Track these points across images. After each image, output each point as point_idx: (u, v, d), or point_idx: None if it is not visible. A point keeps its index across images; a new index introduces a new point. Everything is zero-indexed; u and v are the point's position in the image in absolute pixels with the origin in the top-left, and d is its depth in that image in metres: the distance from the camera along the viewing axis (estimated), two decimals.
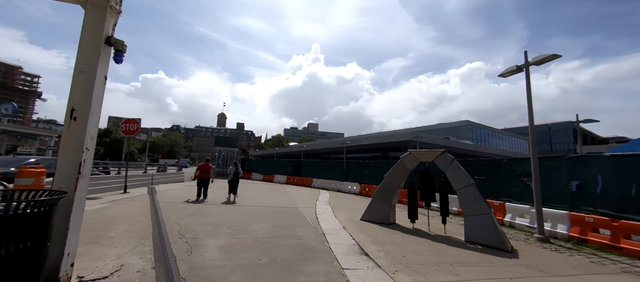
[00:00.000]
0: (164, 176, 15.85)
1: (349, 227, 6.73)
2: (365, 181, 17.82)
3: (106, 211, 6.72)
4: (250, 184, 20.69)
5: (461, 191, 6.37)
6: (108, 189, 10.02)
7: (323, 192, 17.55)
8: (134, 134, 10.37)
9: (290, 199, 12.04)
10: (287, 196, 13.68)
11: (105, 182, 10.07)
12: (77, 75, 2.72)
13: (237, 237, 5.11)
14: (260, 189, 16.54)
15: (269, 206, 9.52)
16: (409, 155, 7.61)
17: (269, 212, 8.10)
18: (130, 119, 10.40)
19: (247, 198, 11.13)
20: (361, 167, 18.41)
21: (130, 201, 8.51)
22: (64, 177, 2.62)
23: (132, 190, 11.16)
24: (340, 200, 13.33)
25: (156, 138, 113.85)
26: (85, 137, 2.68)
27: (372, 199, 8.06)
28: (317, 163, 23.10)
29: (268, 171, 27.12)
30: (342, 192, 18.57)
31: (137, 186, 12.42)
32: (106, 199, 8.43)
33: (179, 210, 7.52)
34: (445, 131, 47.47)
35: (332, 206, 10.82)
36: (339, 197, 14.99)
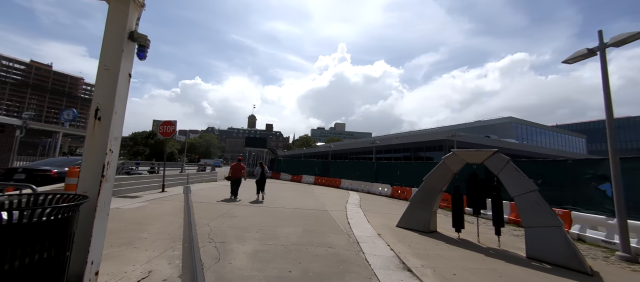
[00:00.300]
0: (198, 175, 16.56)
1: (385, 235, 6.13)
2: (397, 182, 16.84)
3: (143, 209, 6.95)
4: (279, 184, 20.82)
5: (521, 197, 5.41)
6: (148, 188, 10.56)
7: (352, 193, 16.95)
8: (170, 135, 10.83)
9: (318, 201, 11.69)
10: (316, 197, 13.36)
11: (146, 181, 10.65)
12: (102, 73, 2.59)
13: (266, 243, 4.83)
14: (289, 189, 16.48)
15: (298, 207, 9.25)
16: (452, 156, 6.77)
17: (297, 215, 7.80)
18: (166, 121, 10.89)
19: (276, 199, 11.02)
20: (392, 168, 17.45)
21: (166, 200, 8.81)
22: (88, 181, 2.49)
23: (170, 189, 11.68)
24: (371, 202, 12.65)
25: (193, 139, 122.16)
26: (109, 138, 2.53)
27: (409, 203, 7.34)
28: (345, 163, 22.52)
29: (296, 171, 27.19)
30: (373, 193, 17.78)
31: (174, 184, 13.03)
32: (145, 198, 8.83)
33: (211, 210, 7.55)
34: (484, 129, 43.72)
35: (364, 209, 10.22)
36: (370, 199, 14.29)
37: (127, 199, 8.36)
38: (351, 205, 11.21)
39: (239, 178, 10.36)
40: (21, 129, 14.94)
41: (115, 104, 2.57)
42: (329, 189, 19.57)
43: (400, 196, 15.87)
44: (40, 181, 7.37)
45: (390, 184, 17.19)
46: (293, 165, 28.31)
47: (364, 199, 14.10)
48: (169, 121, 10.93)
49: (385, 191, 17.47)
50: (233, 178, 10.32)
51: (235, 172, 10.38)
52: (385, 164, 18.51)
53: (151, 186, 10.76)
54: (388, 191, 17.20)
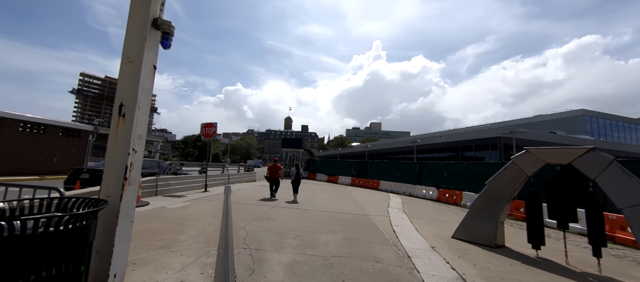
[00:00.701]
0: (238, 175, 17.12)
1: (441, 248, 5.21)
2: (443, 185, 15.23)
3: (186, 210, 7.08)
4: (315, 185, 20.53)
5: (635, 209, 4.06)
6: (192, 188, 11.04)
7: (393, 196, 15.81)
8: (211, 136, 11.21)
9: (357, 204, 10.98)
10: (354, 199, 12.66)
11: (190, 181, 11.17)
12: (125, 65, 2.35)
13: (304, 252, 4.36)
14: (325, 190, 16.04)
15: (336, 211, 8.69)
16: (525, 155, 5.52)
17: (337, 219, 7.25)
18: (208, 123, 11.30)
19: (313, 201, 10.63)
20: (438, 169, 15.84)
21: (207, 200, 9.01)
22: (112, 185, 2.26)
23: (212, 189, 12.12)
24: (415, 207, 11.50)
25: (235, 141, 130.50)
26: (132, 136, 2.27)
27: (469, 211, 6.24)
28: (384, 164, 21.31)
29: (332, 171, 26.70)
30: (415, 197, 16.37)
31: (216, 184, 13.54)
32: (189, 197, 9.15)
33: (248, 212, 7.42)
34: (547, 124, 37.87)
35: (408, 214, 9.23)
36: (413, 203, 13.07)
37: (173, 198, 8.73)
38: (394, 209, 10.27)
39: (276, 178, 10.83)
40: (93, 133, 17.16)
41: (138, 98, 2.31)
42: (367, 190, 18.64)
43: (448, 200, 14.28)
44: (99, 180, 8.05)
45: (436, 187, 15.62)
46: (329, 165, 27.89)
47: (406, 202, 12.95)
48: (210, 123, 11.31)
49: (430, 194, 15.94)
50: (271, 178, 10.87)
51: (273, 173, 10.86)
52: (429, 165, 16.92)
53: (195, 185, 11.23)
54: (433, 194, 15.65)
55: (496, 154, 24.22)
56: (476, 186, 13.00)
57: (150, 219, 5.68)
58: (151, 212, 6.39)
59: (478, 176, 13.21)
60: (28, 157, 13.22)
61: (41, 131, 14.17)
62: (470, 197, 13.07)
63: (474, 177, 13.33)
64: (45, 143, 14.32)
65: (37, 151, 13.89)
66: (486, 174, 6.45)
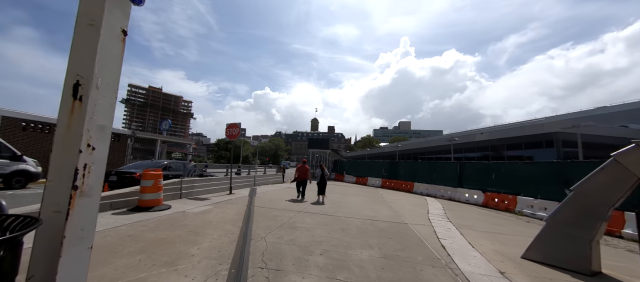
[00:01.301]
0: (264, 177, 16.82)
1: (513, 274, 3.97)
2: (491, 188, 13.29)
3: (206, 215, 6.62)
4: (344, 187, 19.54)
5: None
6: (217, 190, 10.78)
7: (431, 200, 14.23)
8: (236, 137, 10.87)
9: (392, 209, 9.80)
10: (387, 203, 11.46)
11: (216, 183, 10.93)
12: (82, 30, 1.69)
13: (334, 277, 3.47)
14: (355, 193, 14.99)
15: (370, 217, 7.67)
16: (636, 150, 4.02)
17: (371, 229, 6.25)
18: (232, 123, 10.99)
19: (342, 205, 9.71)
20: (484, 170, 13.89)
21: (231, 203, 8.56)
22: (60, 194, 1.59)
23: (237, 191, 11.79)
24: (461, 214, 9.98)
25: (264, 144, 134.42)
26: (86, 126, 1.59)
27: (547, 225, 4.84)
28: (417, 164, 19.59)
29: (361, 173, 25.47)
30: (456, 201, 14.60)
31: (242, 186, 13.26)
32: (213, 200, 8.80)
33: (271, 218, 6.74)
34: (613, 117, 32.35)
35: (455, 223, 7.86)
36: (456, 208, 11.47)
37: (196, 201, 8.42)
38: (435, 216, 8.93)
39: (304, 179, 10.72)
40: (131, 137, 18.14)
41: (95, 74, 1.63)
42: (400, 193, 17.18)
43: (498, 206, 12.38)
44: (128, 182, 8.01)
45: (482, 190, 13.71)
46: (357, 166, 26.68)
47: (448, 208, 11.41)
48: (234, 124, 10.98)
49: (474, 198, 14.07)
50: (299, 179, 10.78)
51: (301, 174, 10.81)
52: (473, 165, 14.98)
53: (220, 187, 10.97)
54: (478, 198, 13.76)
55: (552, 152, 20.95)
56: (534, 190, 11.02)
57: (166, 226, 5.23)
58: (169, 217, 5.99)
59: (537, 177, 11.21)
60: None
61: None
62: (527, 203, 11.12)
63: (532, 179, 11.31)
64: None
65: None
66: (548, 175, 4.98)
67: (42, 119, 13.23)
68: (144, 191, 6.58)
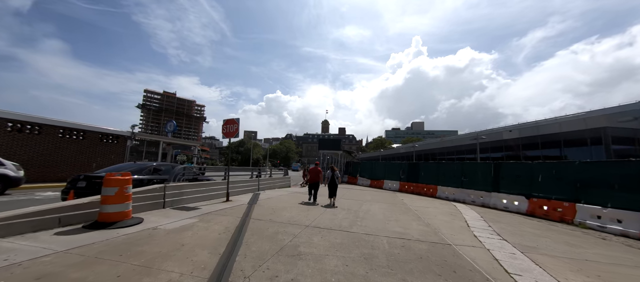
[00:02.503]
0: (270, 181, 15.24)
1: None
2: (537, 192, 11.10)
3: (182, 233, 5.03)
4: (358, 191, 17.67)
5: None
6: (214, 197, 9.27)
7: (462, 207, 12.17)
8: (233, 135, 9.34)
9: (422, 221, 7.92)
10: (413, 212, 9.56)
11: (212, 188, 9.41)
12: None
13: None
14: (372, 198, 13.13)
15: (399, 234, 5.86)
16: None
17: (406, 256, 4.45)
18: (229, 119, 9.46)
19: (361, 215, 7.91)
20: (529, 171, 11.68)
21: (222, 214, 6.97)
22: None
23: (237, 197, 10.24)
24: (509, 226, 7.94)
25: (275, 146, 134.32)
26: None
27: None
28: (442, 166, 17.44)
29: (376, 175, 23.50)
30: (492, 208, 12.48)
31: (244, 191, 11.72)
32: (203, 210, 7.25)
33: (269, 237, 5.08)
34: None
35: (512, 242, 5.91)
36: (499, 218, 9.40)
37: (181, 211, 6.89)
38: (480, 231, 6.99)
39: (317, 182, 10.41)
40: (131, 138, 17.10)
41: None
42: (423, 199, 15.15)
43: (548, 215, 10.19)
44: (98, 189, 6.58)
45: (525, 196, 11.52)
46: (372, 168, 24.72)
47: (488, 218, 9.37)
48: (231, 119, 9.46)
49: (515, 205, 11.88)
50: (311, 182, 10.45)
51: (313, 176, 10.47)
52: (513, 166, 12.74)
53: (216, 194, 9.45)
54: (521, 205, 11.57)
55: (600, 151, 18.16)
56: (602, 196, 8.80)
57: (113, 255, 3.65)
58: (128, 239, 4.44)
59: (605, 180, 8.96)
60: (67, 164, 13.17)
61: (81, 137, 14.21)
62: (591, 213, 8.91)
63: (597, 182, 9.09)
64: (84, 149, 14.34)
65: (76, 157, 13.89)
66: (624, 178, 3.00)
67: (31, 119, 12.27)
68: (104, 202, 5.08)
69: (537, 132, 21.85)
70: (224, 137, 9.52)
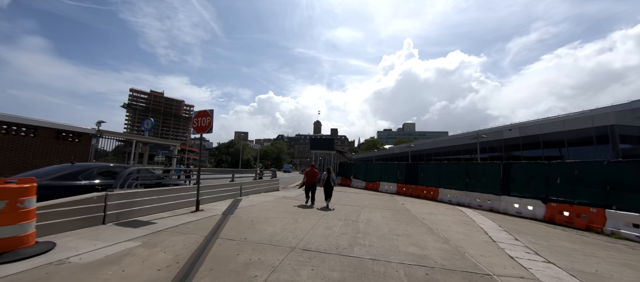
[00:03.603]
0: (256, 184, 13.52)
1: None
2: (556, 196, 9.88)
3: (105, 267, 3.36)
4: (353, 194, 16.19)
5: None
6: (182, 205, 7.54)
7: (470, 212, 10.86)
8: (206, 130, 7.65)
9: (435, 233, 6.46)
10: (421, 221, 8.13)
11: (180, 194, 7.68)
12: None
13: None
14: (371, 203, 11.63)
15: (415, 258, 4.35)
16: None
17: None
18: (202, 111, 7.76)
19: (362, 228, 6.38)
20: (545, 172, 10.46)
21: (181, 233, 5.29)
22: None
23: (210, 205, 8.52)
24: (539, 239, 6.55)
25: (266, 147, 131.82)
26: None
27: None
28: (444, 167, 16.17)
29: (371, 176, 22.12)
30: (502, 213, 11.25)
31: (223, 197, 10.01)
32: (158, 225, 5.55)
33: (235, 272, 3.47)
34: None
35: (560, 265, 4.50)
36: (519, 226, 8.06)
37: (125, 229, 5.17)
38: (509, 246, 5.58)
39: (313, 184, 10.16)
40: (96, 137, 15.06)
41: None
42: (424, 202, 13.79)
43: (572, 222, 8.95)
44: None
45: (541, 200, 10.29)
46: (367, 169, 23.32)
47: (509, 227, 8.01)
48: (204, 111, 7.77)
49: (529, 210, 10.65)
50: (307, 184, 10.19)
51: (309, 178, 10.22)
52: (526, 166, 11.52)
53: (187, 201, 7.73)
54: (536, 210, 10.34)
55: (607, 150, 17.33)
56: (638, 201, 7.57)
57: None
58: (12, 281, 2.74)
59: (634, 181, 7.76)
60: (10, 167, 11.10)
61: (31, 134, 12.15)
62: (626, 220, 7.68)
63: (630, 184, 7.88)
64: (36, 148, 12.27)
65: (26, 158, 11.83)
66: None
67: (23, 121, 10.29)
68: None
69: (539, 131, 21.01)
70: (194, 133, 7.83)
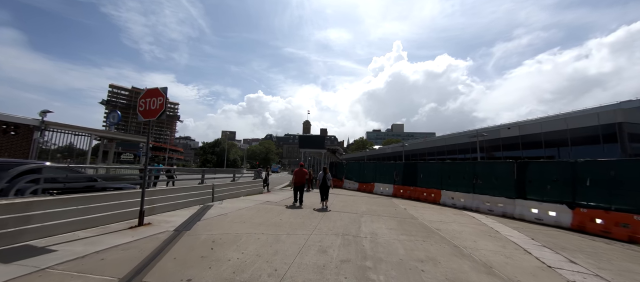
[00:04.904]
0: (234, 186, 11.44)
1: None
2: (585, 200, 8.48)
3: None
4: (349, 197, 14.41)
5: None
6: (118, 218, 5.45)
7: (483, 219, 9.34)
8: (156, 115, 5.62)
9: (463, 253, 4.75)
10: (436, 233, 6.42)
11: (126, 202, 5.60)
12: None
13: None
14: (371, 210, 9.84)
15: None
16: None
17: None
18: (151, 89, 5.72)
19: (372, 249, 4.54)
20: (570, 172, 9.06)
21: (78, 276, 3.26)
22: None
23: (169, 215, 6.46)
24: (600, 259, 4.95)
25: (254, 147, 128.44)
26: None
27: None
28: (446, 166, 14.69)
29: (365, 177, 20.46)
30: (517, 219, 9.83)
31: (194, 202, 7.95)
32: (58, 255, 3.51)
33: None
34: None
35: None
36: (555, 239, 6.50)
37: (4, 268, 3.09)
38: (568, 272, 3.93)
39: (302, 184, 9.98)
40: (40, 129, 12.51)
41: None
42: (427, 206, 12.20)
43: (609, 232, 7.54)
44: None
45: (567, 205, 8.87)
46: (360, 169, 21.66)
47: (544, 240, 6.44)
48: (154, 90, 5.72)
49: (551, 216, 9.22)
50: (296, 184, 9.98)
51: (298, 178, 10.03)
52: (546, 166, 10.09)
53: (132, 210, 5.65)
54: (561, 217, 8.91)
55: (615, 149, 16.44)
56: None
57: None
58: None
59: None
60: None
61: None
62: None
63: None
64: None
65: None
66: None
67: None
68: None
69: (540, 130, 20.05)
70: (140, 118, 5.74)
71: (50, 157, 13.83)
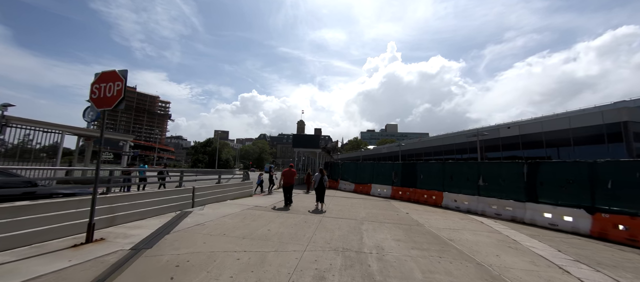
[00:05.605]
0: (218, 189, 10.32)
1: None
2: (606, 205, 7.72)
3: None
4: (345, 199, 13.43)
5: None
6: (72, 229, 4.33)
7: (494, 224, 8.49)
8: (113, 103, 4.53)
9: (492, 274, 3.80)
10: (451, 245, 5.49)
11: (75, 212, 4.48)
12: None
13: None
14: (371, 215, 8.88)
15: None
16: None
17: None
18: (106, 72, 4.62)
19: (378, 268, 3.58)
20: (588, 174, 8.29)
21: None
22: None
23: (129, 227, 5.35)
24: (629, 272, 4.12)
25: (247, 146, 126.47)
26: None
27: None
28: (448, 167, 13.86)
29: (362, 178, 19.52)
30: (528, 224, 9.04)
31: (170, 208, 6.83)
32: None
33: None
34: None
35: None
36: (577, 248, 5.65)
37: None
38: None
39: (291, 185, 9.85)
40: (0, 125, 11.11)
41: None
42: (429, 210, 11.33)
43: (637, 240, 6.73)
44: None
45: (586, 209, 8.10)
46: (356, 170, 20.73)
47: (572, 251, 5.58)
48: (111, 72, 4.61)
49: (566, 221, 8.44)
50: (285, 185, 9.84)
51: (287, 179, 9.91)
52: (560, 166, 9.31)
53: (75, 223, 4.52)
54: (580, 223, 8.13)
55: (620, 149, 15.95)
56: None
57: None
58: None
59: None
60: None
61: None
62: None
63: None
64: None
65: None
66: None
67: None
68: None
69: (541, 129, 19.52)
70: (95, 107, 4.64)
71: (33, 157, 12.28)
